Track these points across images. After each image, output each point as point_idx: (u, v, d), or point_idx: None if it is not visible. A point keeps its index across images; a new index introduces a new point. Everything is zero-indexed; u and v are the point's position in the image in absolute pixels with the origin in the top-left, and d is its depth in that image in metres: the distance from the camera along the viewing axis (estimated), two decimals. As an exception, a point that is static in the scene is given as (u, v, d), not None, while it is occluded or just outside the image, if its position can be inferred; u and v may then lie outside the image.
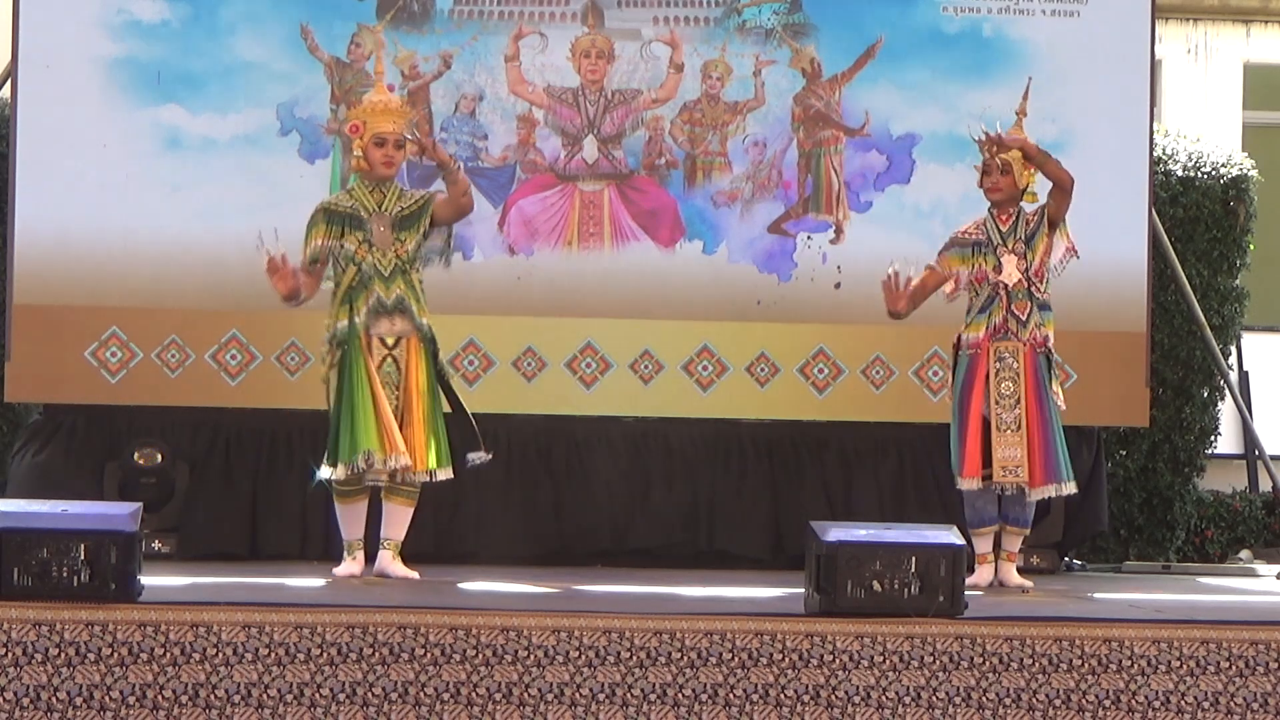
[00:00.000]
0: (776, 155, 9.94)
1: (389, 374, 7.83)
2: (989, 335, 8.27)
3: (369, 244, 7.86)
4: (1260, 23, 14.04)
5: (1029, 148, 8.21)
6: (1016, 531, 8.37)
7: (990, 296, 8.29)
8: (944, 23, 10.00)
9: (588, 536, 9.79)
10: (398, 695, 5.92)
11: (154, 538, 9.32)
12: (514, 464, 9.78)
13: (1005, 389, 8.22)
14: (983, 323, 8.29)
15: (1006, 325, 8.25)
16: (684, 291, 9.80)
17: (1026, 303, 8.26)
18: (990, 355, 8.25)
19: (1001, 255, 8.27)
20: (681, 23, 9.93)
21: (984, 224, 8.35)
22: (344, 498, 7.92)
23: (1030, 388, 8.23)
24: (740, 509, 9.90)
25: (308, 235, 7.92)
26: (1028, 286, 8.26)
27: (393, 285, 7.85)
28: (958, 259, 8.37)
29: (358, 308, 7.82)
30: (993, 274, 8.28)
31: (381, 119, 7.91)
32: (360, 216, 7.89)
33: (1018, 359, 8.24)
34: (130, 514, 6.06)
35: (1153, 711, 6.15)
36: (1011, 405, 8.21)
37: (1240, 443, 12.16)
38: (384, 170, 7.92)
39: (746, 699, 6.03)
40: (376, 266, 7.85)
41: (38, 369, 9.58)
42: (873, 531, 6.38)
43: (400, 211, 7.92)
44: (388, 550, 7.91)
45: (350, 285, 7.86)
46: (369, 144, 7.90)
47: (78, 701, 5.73)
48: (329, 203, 8.00)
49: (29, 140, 9.60)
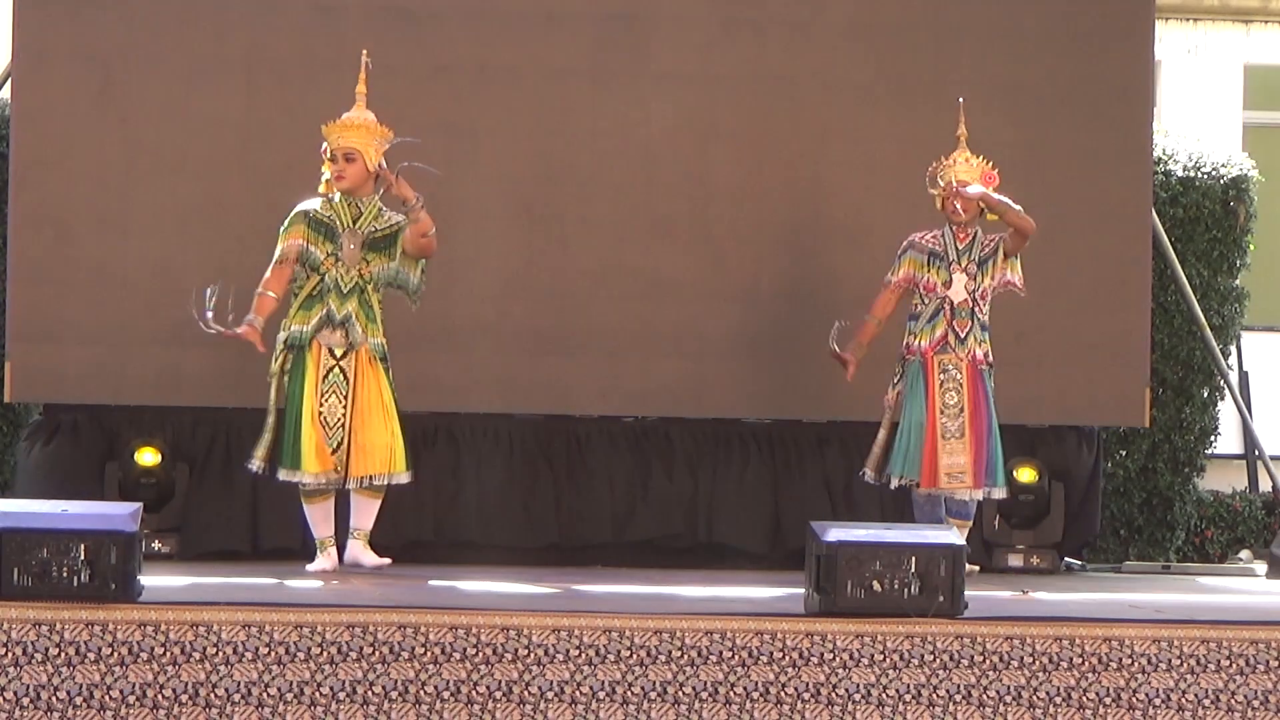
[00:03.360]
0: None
1: (335, 383, 8.00)
2: (931, 347, 8.64)
3: (335, 258, 8.01)
4: (1260, 23, 14.04)
5: (989, 200, 8.58)
6: (961, 524, 8.63)
7: (936, 309, 8.66)
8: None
9: (588, 527, 9.81)
10: (398, 694, 5.92)
11: (154, 538, 9.31)
12: (514, 458, 9.82)
13: (950, 399, 8.60)
14: (927, 332, 8.67)
15: (946, 339, 8.63)
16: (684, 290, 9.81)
17: (968, 321, 8.64)
18: (935, 368, 8.61)
19: (954, 271, 8.62)
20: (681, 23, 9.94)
21: (941, 236, 8.70)
22: (311, 498, 8.13)
23: (970, 398, 8.58)
24: (740, 502, 9.90)
25: (284, 233, 8.07)
26: (971, 306, 8.63)
27: (346, 302, 8.02)
28: (914, 263, 8.71)
29: (311, 315, 8.02)
30: (942, 288, 8.63)
31: (335, 133, 8.06)
32: (335, 229, 8.03)
33: (961, 371, 8.61)
34: (130, 514, 6.07)
35: (1153, 709, 6.16)
36: (955, 414, 8.57)
37: (1240, 443, 12.16)
38: (338, 184, 8.06)
39: (747, 697, 6.04)
40: (338, 281, 8.02)
41: (38, 369, 9.57)
42: (873, 531, 6.38)
43: (373, 232, 8.07)
44: (357, 540, 8.16)
45: (310, 293, 8.05)
46: (330, 160, 8.07)
47: (78, 701, 5.73)
48: (308, 209, 8.10)
49: (29, 140, 9.60)
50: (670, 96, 9.80)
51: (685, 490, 9.92)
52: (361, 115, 8.09)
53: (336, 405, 7.97)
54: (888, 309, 8.79)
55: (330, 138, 8.06)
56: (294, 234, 8.04)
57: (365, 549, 8.15)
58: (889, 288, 8.76)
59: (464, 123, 9.66)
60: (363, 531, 8.16)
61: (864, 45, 9.93)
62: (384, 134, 8.08)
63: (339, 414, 7.96)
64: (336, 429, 7.96)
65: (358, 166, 8.03)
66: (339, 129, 8.05)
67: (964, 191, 8.57)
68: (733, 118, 9.85)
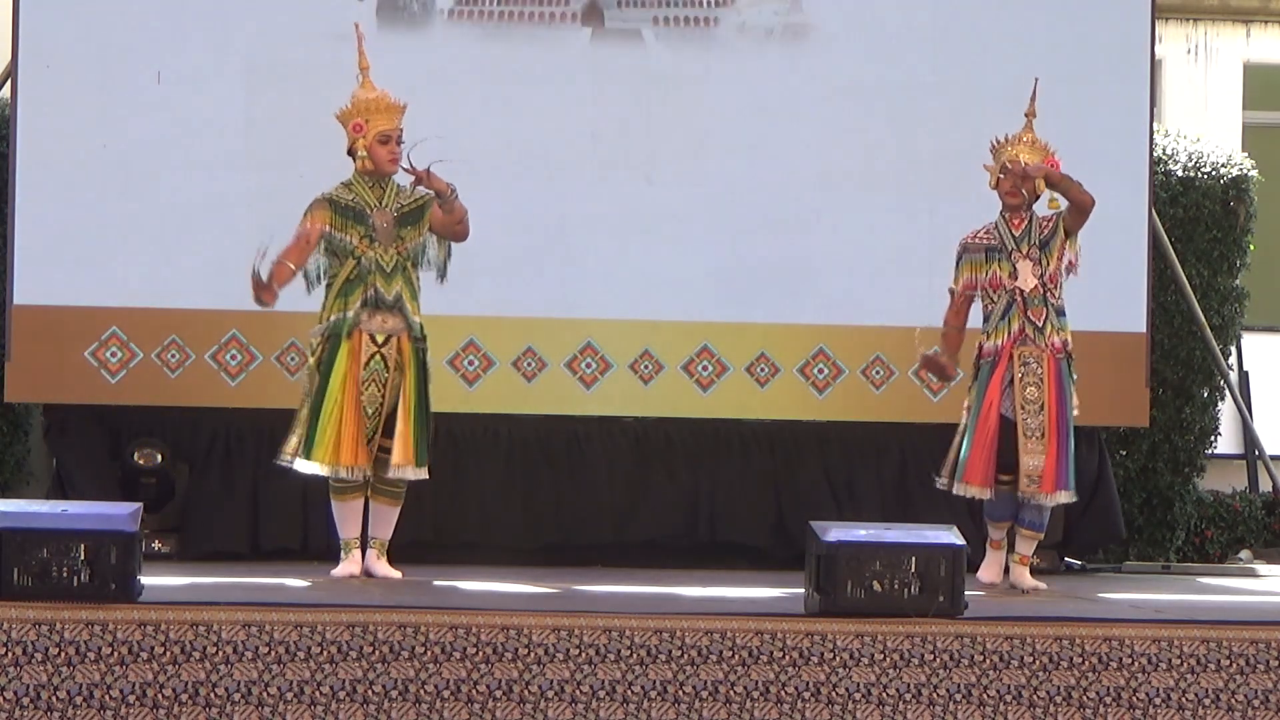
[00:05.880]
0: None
1: (376, 371, 7.82)
2: (1011, 341, 8.15)
3: (370, 239, 7.87)
4: (1260, 23, 14.03)
5: (1053, 175, 8.10)
6: (1030, 535, 8.28)
7: (1008, 303, 8.18)
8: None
9: (588, 527, 9.82)
10: (398, 693, 5.92)
11: (154, 538, 9.32)
12: (515, 459, 9.83)
13: (1030, 394, 8.12)
14: (1004, 329, 8.17)
15: (1024, 332, 8.16)
16: (684, 291, 9.81)
17: (1042, 309, 8.16)
18: (1015, 360, 8.14)
19: (1016, 260, 8.17)
20: (681, 23, 9.93)
21: (995, 229, 8.25)
22: (340, 495, 7.94)
23: (1053, 395, 8.13)
24: (742, 501, 9.91)
25: (307, 216, 7.89)
26: (1043, 292, 8.17)
27: (394, 281, 7.86)
28: (972, 265, 8.26)
29: (351, 302, 7.83)
30: (1008, 280, 8.17)
31: (383, 117, 7.91)
32: (363, 211, 7.90)
33: (1042, 364, 8.14)
34: (130, 514, 6.07)
35: (1153, 709, 6.16)
36: (1036, 411, 8.11)
37: (1240, 443, 12.15)
38: (389, 167, 7.92)
39: (747, 696, 6.04)
40: (378, 261, 7.85)
41: (38, 369, 9.58)
42: (873, 532, 6.39)
43: (402, 208, 7.93)
44: (373, 549, 7.97)
45: (348, 279, 7.87)
46: (373, 142, 7.90)
47: (78, 700, 5.73)
48: (331, 194, 7.95)
49: (29, 140, 9.60)
50: (669, 97, 9.81)
51: (685, 490, 9.92)
52: (390, 95, 7.94)
53: (376, 394, 7.80)
54: (963, 316, 8.32)
55: (375, 120, 7.87)
56: (318, 218, 7.86)
57: (380, 559, 7.94)
58: (955, 297, 8.30)
59: (464, 123, 9.66)
60: (380, 542, 7.95)
61: (863, 46, 9.93)
62: (403, 109, 7.97)
63: (377, 402, 7.80)
64: (374, 418, 7.80)
65: (399, 149, 7.90)
66: (384, 112, 7.89)
67: (1026, 169, 8.09)
68: (735, 121, 9.85)
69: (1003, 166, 8.20)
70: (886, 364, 9.86)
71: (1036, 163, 8.16)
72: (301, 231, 7.88)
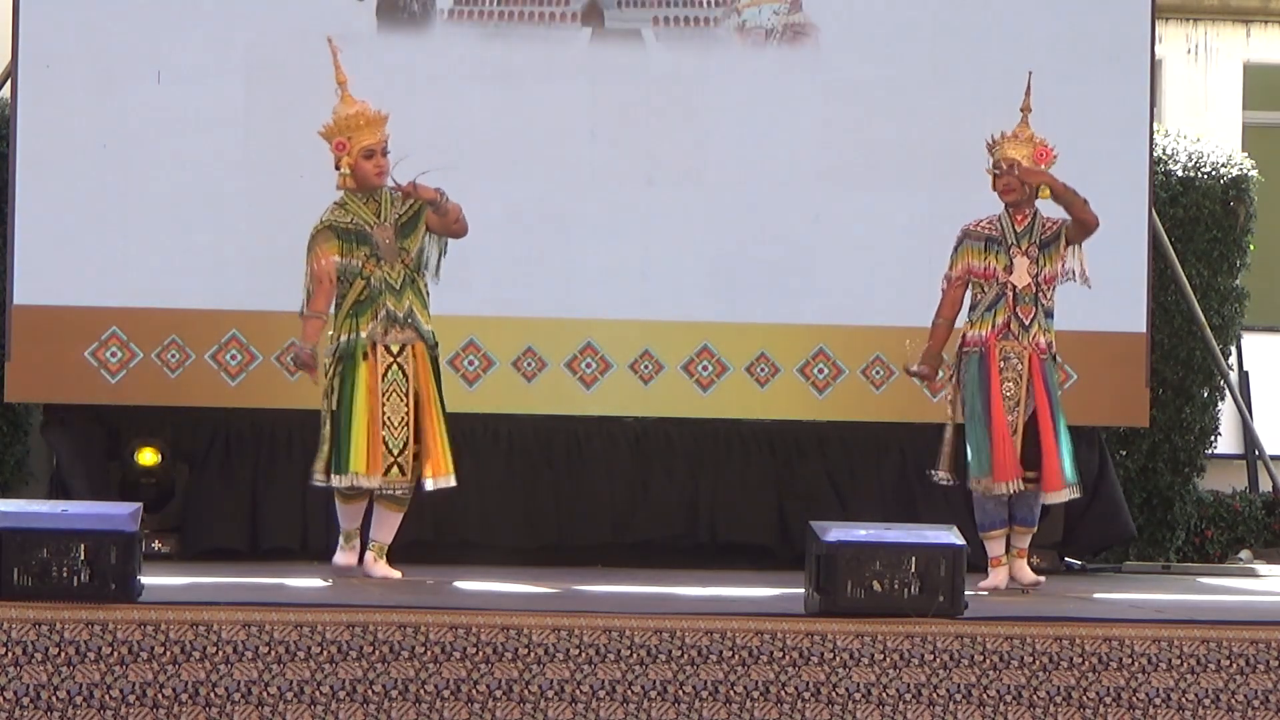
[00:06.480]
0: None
1: (395, 381, 7.85)
2: (994, 334, 8.14)
3: (376, 258, 7.87)
4: (1260, 23, 14.03)
5: (1056, 186, 8.06)
6: (1025, 530, 8.26)
7: (997, 295, 8.17)
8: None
9: (588, 527, 9.82)
10: (398, 693, 5.92)
11: (154, 538, 9.33)
12: (514, 459, 9.84)
13: (1007, 390, 8.11)
14: (988, 320, 8.16)
15: (1009, 326, 8.14)
16: (684, 291, 9.81)
17: (1031, 307, 8.14)
18: (995, 354, 8.13)
19: (1014, 255, 8.15)
20: (681, 23, 9.93)
21: (998, 221, 8.22)
22: (345, 499, 8.02)
23: (1040, 391, 8.11)
24: (742, 501, 9.91)
25: (313, 253, 7.89)
26: (1035, 291, 8.15)
27: (404, 298, 7.88)
28: (971, 252, 8.22)
29: (363, 322, 7.85)
30: (1002, 273, 8.16)
31: (365, 132, 7.90)
32: (364, 230, 7.89)
33: (1022, 361, 8.12)
34: (130, 514, 6.07)
35: (1153, 709, 6.16)
36: (1011, 407, 8.10)
37: (1240, 443, 12.16)
38: (377, 181, 7.92)
39: (747, 696, 6.04)
40: (386, 280, 7.87)
41: (38, 369, 9.58)
42: (873, 531, 6.38)
43: (399, 218, 7.94)
44: (372, 551, 8.00)
45: (357, 299, 7.88)
46: (358, 159, 7.90)
47: (78, 700, 5.73)
48: (331, 220, 7.93)
49: (29, 140, 9.60)
50: (669, 97, 9.82)
51: (685, 490, 9.93)
52: (371, 108, 7.93)
53: (399, 404, 7.82)
54: (955, 308, 8.28)
55: (358, 137, 7.87)
56: (325, 251, 7.87)
57: (378, 561, 7.97)
58: (950, 285, 8.26)
59: (463, 123, 9.66)
60: (380, 545, 7.98)
61: (863, 46, 9.94)
62: (386, 118, 7.96)
63: (402, 413, 7.83)
64: (401, 428, 7.83)
65: (385, 160, 7.92)
66: (366, 127, 7.89)
67: (1025, 173, 8.07)
68: (735, 120, 9.85)
69: (996, 164, 8.20)
70: (886, 364, 9.86)
71: (1037, 167, 8.15)
72: (316, 272, 7.88)
